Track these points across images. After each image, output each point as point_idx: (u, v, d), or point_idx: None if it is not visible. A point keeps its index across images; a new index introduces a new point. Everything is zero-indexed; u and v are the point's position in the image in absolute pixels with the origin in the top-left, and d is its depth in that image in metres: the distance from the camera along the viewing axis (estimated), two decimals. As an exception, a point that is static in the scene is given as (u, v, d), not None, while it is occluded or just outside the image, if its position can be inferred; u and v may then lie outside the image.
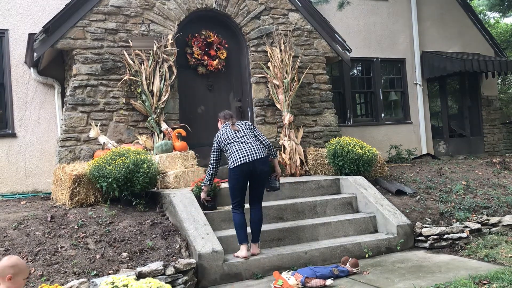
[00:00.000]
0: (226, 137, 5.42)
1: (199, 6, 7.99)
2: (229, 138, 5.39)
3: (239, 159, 5.21)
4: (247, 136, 5.42)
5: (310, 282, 4.71)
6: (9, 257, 3.14)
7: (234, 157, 5.24)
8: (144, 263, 4.89)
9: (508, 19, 20.28)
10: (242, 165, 5.19)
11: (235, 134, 5.42)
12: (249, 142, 5.36)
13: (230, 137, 5.40)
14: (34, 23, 8.12)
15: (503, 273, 4.50)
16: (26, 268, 3.16)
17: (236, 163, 5.20)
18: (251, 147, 5.31)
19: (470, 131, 12.69)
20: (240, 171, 5.20)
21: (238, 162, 5.20)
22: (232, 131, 5.45)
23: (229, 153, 5.32)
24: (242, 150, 5.27)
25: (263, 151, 5.37)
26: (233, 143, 5.33)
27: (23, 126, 8.06)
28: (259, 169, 5.26)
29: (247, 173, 5.23)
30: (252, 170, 5.23)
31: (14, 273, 3.05)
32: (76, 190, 6.10)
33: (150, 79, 7.36)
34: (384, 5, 11.57)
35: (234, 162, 5.21)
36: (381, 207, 6.36)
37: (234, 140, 5.36)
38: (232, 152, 5.29)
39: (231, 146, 5.33)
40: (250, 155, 5.25)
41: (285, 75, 8.15)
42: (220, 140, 5.44)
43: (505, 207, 7.04)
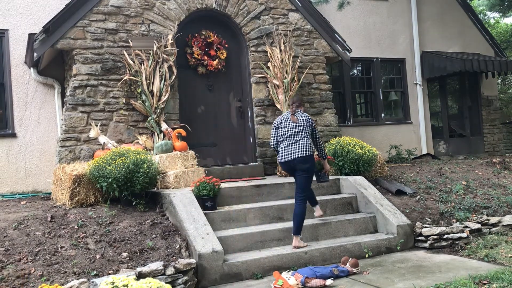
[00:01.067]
0: (282, 128, 5.85)
1: (199, 6, 7.99)
2: (283, 131, 5.82)
3: (282, 157, 5.78)
4: (300, 134, 5.76)
5: (310, 282, 4.71)
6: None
7: (279, 154, 5.84)
8: (144, 263, 4.89)
9: (508, 19, 20.27)
10: (283, 163, 5.77)
11: (290, 129, 5.79)
12: (298, 139, 5.74)
13: (284, 130, 5.82)
14: (34, 23, 8.12)
15: (503, 273, 4.50)
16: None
17: (280, 159, 5.83)
18: (296, 147, 5.71)
19: (470, 131, 12.69)
20: (283, 166, 5.83)
21: (280, 159, 5.82)
22: (291, 122, 5.82)
23: (280, 146, 5.87)
24: (287, 148, 5.74)
25: (306, 150, 5.68)
26: (284, 140, 5.79)
27: (23, 126, 8.06)
28: (298, 166, 5.67)
29: (289, 168, 5.79)
30: (293, 167, 5.72)
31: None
32: (76, 190, 6.10)
33: (150, 79, 7.36)
34: (384, 5, 11.57)
35: (279, 158, 5.85)
36: (381, 207, 6.36)
37: (286, 136, 5.79)
38: (280, 148, 5.84)
39: (282, 141, 5.82)
40: (292, 153, 5.69)
41: (285, 75, 8.15)
42: (278, 124, 5.92)
43: (505, 207, 7.04)
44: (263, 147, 8.24)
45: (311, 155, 5.74)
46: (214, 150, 8.16)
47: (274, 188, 6.66)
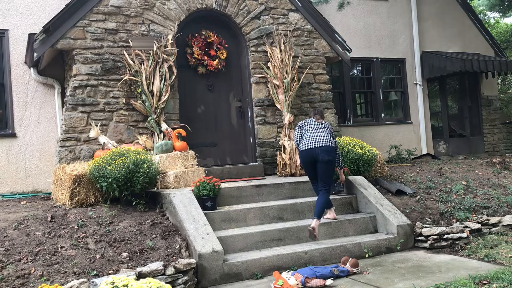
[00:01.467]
0: (306, 126, 6.28)
1: (199, 6, 7.99)
2: (307, 127, 6.23)
3: (305, 145, 6.06)
4: (324, 130, 6.16)
5: (310, 282, 4.71)
6: None
7: (302, 144, 6.14)
8: (144, 263, 4.89)
9: (508, 19, 20.27)
10: (306, 150, 6.03)
11: (315, 125, 6.21)
12: (323, 133, 6.10)
13: (308, 127, 6.23)
14: (34, 23, 8.12)
15: (503, 273, 4.50)
16: None
17: (302, 148, 6.10)
18: (321, 137, 6.06)
19: (470, 131, 12.69)
20: (305, 155, 6.06)
21: (303, 147, 6.09)
22: (316, 123, 6.26)
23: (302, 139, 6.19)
24: (311, 138, 6.09)
25: (330, 142, 6.05)
26: (307, 133, 6.15)
27: (23, 126, 8.06)
28: (321, 157, 5.95)
29: (310, 159, 6.04)
30: (315, 157, 5.98)
31: None
32: (76, 190, 6.10)
33: (150, 79, 7.36)
34: (384, 5, 11.58)
35: (301, 147, 6.12)
36: (381, 207, 6.36)
37: (310, 131, 6.17)
38: (304, 138, 6.16)
39: (305, 132, 6.19)
40: (317, 142, 6.02)
41: (285, 75, 8.15)
42: (302, 124, 6.34)
43: (505, 207, 7.04)
44: (263, 147, 8.24)
45: (334, 148, 6.13)
46: (214, 150, 8.16)
47: (274, 188, 6.66)
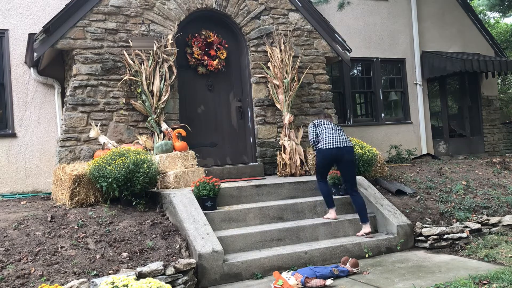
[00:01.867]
0: (322, 125, 6.31)
1: (199, 6, 7.99)
2: (325, 126, 6.29)
3: (329, 144, 6.09)
4: (341, 131, 6.34)
5: (310, 282, 4.71)
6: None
7: (325, 142, 6.13)
8: (144, 263, 4.89)
9: (508, 19, 20.28)
10: (331, 149, 6.07)
11: (333, 126, 6.31)
12: (342, 134, 6.26)
13: (326, 126, 6.28)
14: (34, 23, 8.13)
15: (503, 273, 4.50)
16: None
17: (323, 146, 6.11)
18: (343, 137, 6.20)
19: (470, 131, 12.69)
20: (328, 154, 6.09)
21: (327, 146, 6.09)
22: (331, 123, 6.34)
23: (322, 137, 6.21)
24: (335, 137, 6.16)
25: (351, 144, 6.23)
26: (326, 132, 6.20)
27: (23, 126, 8.06)
28: (346, 156, 6.06)
29: (333, 158, 6.10)
30: (340, 156, 6.06)
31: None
32: (76, 190, 6.10)
33: (150, 79, 7.36)
34: (384, 5, 11.58)
35: (325, 145, 6.10)
36: (381, 207, 6.36)
37: (329, 129, 6.23)
38: (324, 137, 6.19)
39: (322, 131, 6.24)
40: (341, 142, 6.12)
41: (285, 75, 8.15)
42: (317, 123, 6.36)
43: (505, 207, 7.04)
44: (263, 147, 8.24)
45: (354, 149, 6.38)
46: (214, 150, 8.16)
47: (274, 188, 6.66)
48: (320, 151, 6.19)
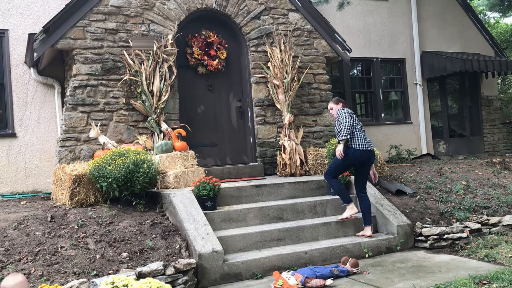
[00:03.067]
0: (354, 119, 6.01)
1: (199, 6, 7.99)
2: (356, 121, 6.05)
3: (364, 145, 5.93)
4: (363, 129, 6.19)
5: (310, 282, 4.71)
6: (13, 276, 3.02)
7: (359, 142, 5.93)
8: (144, 263, 4.89)
9: (508, 19, 20.27)
10: (365, 152, 5.91)
11: (358, 121, 6.12)
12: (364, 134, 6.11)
13: (357, 121, 6.07)
14: (34, 23, 8.13)
15: (503, 273, 4.50)
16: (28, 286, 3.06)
17: (359, 147, 5.90)
18: (368, 139, 6.10)
19: (470, 131, 12.69)
20: (361, 156, 5.91)
21: (362, 147, 5.91)
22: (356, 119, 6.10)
23: (356, 135, 5.97)
24: (366, 138, 6.03)
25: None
26: (358, 131, 5.99)
27: (23, 126, 8.06)
28: (371, 159, 6.06)
29: (363, 160, 5.97)
30: (367, 159, 5.99)
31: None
32: (76, 190, 6.10)
33: (150, 79, 7.36)
34: (384, 5, 11.58)
35: (360, 146, 5.90)
36: (381, 207, 6.36)
37: (359, 126, 6.06)
38: (358, 136, 5.97)
39: (356, 131, 5.97)
40: (371, 145, 6.06)
41: (285, 75, 8.15)
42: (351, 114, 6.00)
43: (505, 207, 7.04)
44: (263, 147, 8.24)
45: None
46: (214, 150, 8.16)
47: (274, 188, 6.66)
48: (354, 151, 5.88)
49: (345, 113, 5.93)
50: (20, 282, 2.98)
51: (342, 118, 5.90)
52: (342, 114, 5.93)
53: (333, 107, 6.31)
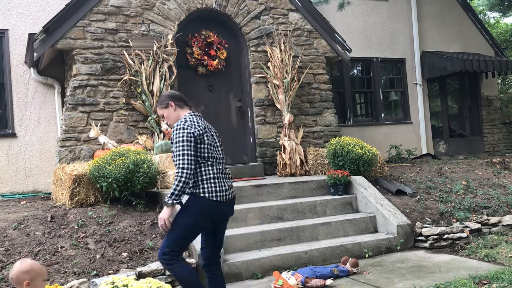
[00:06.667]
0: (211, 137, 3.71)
1: (199, 6, 7.99)
2: (214, 144, 3.72)
3: (224, 192, 3.65)
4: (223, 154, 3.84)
5: (310, 282, 4.71)
6: (21, 261, 2.96)
7: (218, 185, 3.63)
8: (144, 263, 4.89)
9: (508, 19, 20.28)
10: (223, 203, 3.65)
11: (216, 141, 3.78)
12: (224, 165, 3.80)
13: (215, 144, 3.74)
14: (34, 23, 8.13)
15: (503, 273, 4.50)
16: (42, 270, 2.98)
17: (219, 196, 3.61)
18: (231, 177, 3.83)
19: (470, 131, 12.69)
20: (218, 210, 3.64)
21: (222, 196, 3.62)
22: (213, 133, 3.79)
23: (210, 172, 3.63)
24: (225, 178, 3.73)
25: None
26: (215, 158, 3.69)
27: (23, 126, 8.06)
28: (230, 212, 3.81)
29: (218, 216, 3.70)
30: (226, 212, 3.75)
31: (31, 278, 2.88)
32: (76, 190, 6.10)
33: (150, 79, 7.36)
34: (384, 5, 11.58)
35: (218, 193, 3.61)
36: (381, 207, 6.36)
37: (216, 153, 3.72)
38: (215, 174, 3.65)
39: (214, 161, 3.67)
40: (231, 190, 3.74)
41: (285, 75, 8.15)
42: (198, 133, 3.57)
43: (505, 207, 7.04)
44: (263, 147, 8.24)
45: None
46: (214, 150, 8.14)
47: (274, 188, 6.66)
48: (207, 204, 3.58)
49: (184, 127, 3.55)
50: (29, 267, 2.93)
51: (176, 138, 3.54)
52: (178, 131, 3.54)
53: (165, 113, 3.80)
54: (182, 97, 3.83)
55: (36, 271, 2.93)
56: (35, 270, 2.92)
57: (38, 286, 2.93)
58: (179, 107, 3.76)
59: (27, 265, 2.92)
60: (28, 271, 2.90)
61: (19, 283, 2.88)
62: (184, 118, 3.64)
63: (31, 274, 2.90)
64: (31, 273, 2.90)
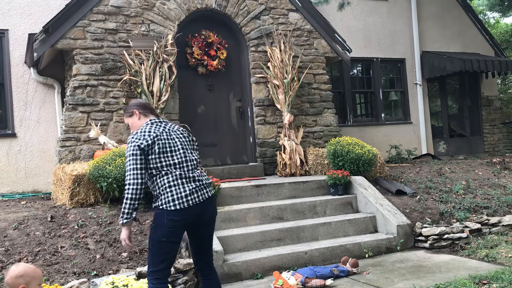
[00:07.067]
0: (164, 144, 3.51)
1: (199, 6, 7.99)
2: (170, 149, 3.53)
3: (185, 197, 3.45)
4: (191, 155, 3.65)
5: (310, 282, 4.71)
6: (16, 265, 2.95)
7: (175, 192, 3.44)
8: (144, 263, 4.88)
9: (508, 19, 20.29)
10: (189, 208, 3.45)
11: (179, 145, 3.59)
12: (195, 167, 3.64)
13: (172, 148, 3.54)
14: (34, 23, 8.12)
15: (503, 273, 4.50)
16: (37, 273, 2.96)
17: (180, 204, 3.42)
18: (200, 178, 3.60)
19: (470, 131, 12.69)
20: (184, 217, 3.45)
21: (182, 203, 3.43)
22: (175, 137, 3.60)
23: (165, 181, 3.47)
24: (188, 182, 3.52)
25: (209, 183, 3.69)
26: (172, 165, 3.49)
27: (23, 126, 8.06)
28: (209, 214, 3.61)
29: (192, 221, 3.51)
30: (200, 216, 3.54)
31: (26, 282, 2.86)
32: (76, 190, 6.10)
33: (150, 79, 7.36)
34: (384, 5, 11.57)
35: (176, 201, 3.42)
36: (381, 207, 6.36)
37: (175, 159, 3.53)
38: (171, 181, 3.47)
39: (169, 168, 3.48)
40: (200, 192, 3.55)
41: (285, 75, 8.15)
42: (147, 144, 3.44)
43: (505, 207, 7.04)
44: (263, 147, 8.24)
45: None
46: (214, 150, 8.16)
47: (274, 188, 6.67)
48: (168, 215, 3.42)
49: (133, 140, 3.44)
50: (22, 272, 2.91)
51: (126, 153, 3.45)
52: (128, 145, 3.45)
53: (129, 121, 3.74)
54: (148, 105, 3.75)
55: (31, 275, 2.91)
56: (29, 274, 2.91)
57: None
58: (143, 116, 3.68)
59: (21, 270, 2.90)
60: (22, 275, 2.88)
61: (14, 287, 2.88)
62: (140, 129, 3.54)
63: (25, 278, 2.88)
64: (25, 277, 2.88)
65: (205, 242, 3.70)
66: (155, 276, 3.45)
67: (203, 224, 3.61)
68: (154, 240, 3.46)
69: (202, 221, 3.58)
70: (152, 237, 3.47)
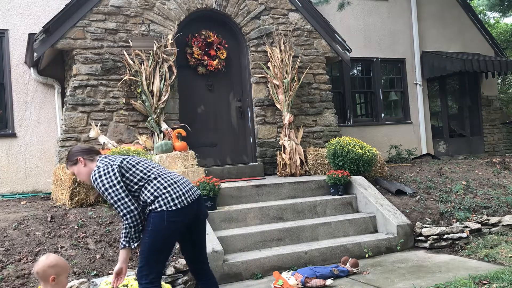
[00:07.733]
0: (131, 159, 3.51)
1: (199, 6, 7.99)
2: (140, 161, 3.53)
3: (183, 195, 3.43)
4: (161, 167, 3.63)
5: (310, 282, 4.71)
6: (47, 256, 2.86)
7: (173, 192, 3.40)
8: (144, 263, 4.88)
9: (508, 19, 20.30)
10: (189, 206, 3.44)
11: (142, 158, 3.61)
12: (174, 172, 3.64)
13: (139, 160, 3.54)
14: (34, 23, 8.13)
15: (503, 273, 4.50)
16: (67, 266, 2.90)
17: (180, 202, 3.39)
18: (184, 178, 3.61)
19: (470, 131, 12.69)
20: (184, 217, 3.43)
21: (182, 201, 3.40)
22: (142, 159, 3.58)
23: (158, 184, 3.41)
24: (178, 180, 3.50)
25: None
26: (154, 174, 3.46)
27: (23, 126, 8.06)
28: (203, 212, 3.64)
29: (190, 221, 3.51)
30: (198, 213, 3.55)
31: (57, 273, 2.79)
32: (76, 190, 6.09)
33: (150, 79, 7.36)
34: (384, 5, 11.58)
35: (176, 200, 3.38)
36: (381, 207, 6.36)
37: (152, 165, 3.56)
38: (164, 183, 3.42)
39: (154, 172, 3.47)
40: (192, 190, 3.53)
41: (285, 75, 8.15)
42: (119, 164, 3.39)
43: (505, 207, 7.04)
44: (263, 147, 8.24)
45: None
46: (214, 150, 8.16)
47: (274, 188, 6.67)
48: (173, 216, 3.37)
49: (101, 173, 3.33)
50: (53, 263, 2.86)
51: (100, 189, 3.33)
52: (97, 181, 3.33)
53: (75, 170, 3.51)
54: (92, 149, 3.56)
55: (61, 266, 2.85)
56: (60, 265, 2.84)
57: (63, 283, 2.86)
58: (89, 161, 3.46)
59: (53, 260, 2.83)
60: (54, 265, 2.81)
61: (44, 278, 2.78)
62: (97, 166, 3.37)
63: (56, 269, 2.81)
64: (56, 268, 2.81)
65: (199, 244, 3.67)
66: (149, 279, 3.35)
67: (198, 224, 3.60)
68: (149, 245, 3.34)
69: (198, 219, 3.57)
70: (147, 241, 3.34)
